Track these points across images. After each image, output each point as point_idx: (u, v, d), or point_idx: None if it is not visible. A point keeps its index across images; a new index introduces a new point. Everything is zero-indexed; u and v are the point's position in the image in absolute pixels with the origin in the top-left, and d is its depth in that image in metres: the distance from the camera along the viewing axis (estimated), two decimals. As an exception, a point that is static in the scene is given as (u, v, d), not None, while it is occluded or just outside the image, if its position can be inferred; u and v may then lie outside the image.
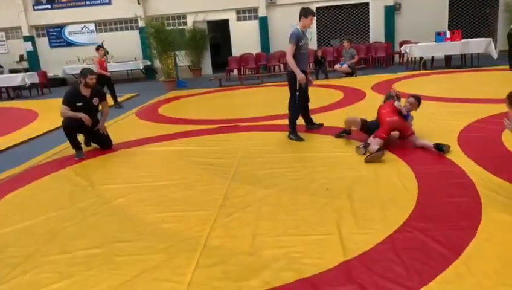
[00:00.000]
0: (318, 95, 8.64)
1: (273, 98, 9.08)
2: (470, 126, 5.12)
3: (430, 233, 2.65)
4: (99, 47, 9.61)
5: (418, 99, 4.69)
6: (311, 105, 5.74)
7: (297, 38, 5.07)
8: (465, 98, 6.79)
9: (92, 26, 15.72)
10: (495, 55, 11.05)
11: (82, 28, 15.75)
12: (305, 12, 5.12)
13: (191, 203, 3.53)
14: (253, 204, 3.39)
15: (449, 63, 11.70)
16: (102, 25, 15.74)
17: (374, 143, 4.28)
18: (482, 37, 12.59)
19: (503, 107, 5.72)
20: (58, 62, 15.20)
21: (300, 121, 5.50)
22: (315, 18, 5.10)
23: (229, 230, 2.98)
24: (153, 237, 2.98)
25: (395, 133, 4.64)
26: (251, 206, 3.35)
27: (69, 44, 15.88)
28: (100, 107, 5.61)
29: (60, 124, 5.35)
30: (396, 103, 4.54)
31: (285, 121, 6.34)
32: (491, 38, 11.45)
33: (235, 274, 2.42)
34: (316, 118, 5.83)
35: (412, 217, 2.91)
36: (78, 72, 5.74)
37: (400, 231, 2.74)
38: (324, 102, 7.55)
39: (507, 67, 9.70)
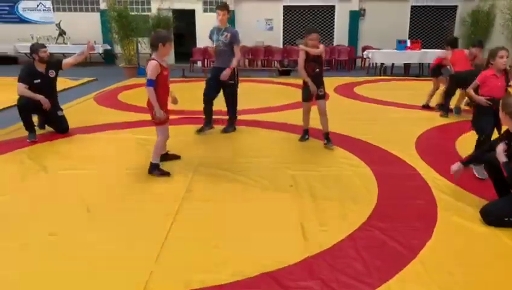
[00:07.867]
0: (282, 94, 8.70)
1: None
2: (427, 132, 5.35)
3: (389, 233, 2.74)
4: None
5: None
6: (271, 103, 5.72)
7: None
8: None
9: (48, 3, 14.84)
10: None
11: (38, 5, 14.83)
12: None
13: (151, 194, 3.43)
14: (216, 198, 3.35)
15: (407, 71, 12.18)
16: (60, 4, 14.91)
17: None
18: (439, 48, 13.19)
19: (457, 117, 6.10)
20: (7, 39, 14.20)
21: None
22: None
23: (192, 222, 2.92)
24: (112, 225, 2.87)
25: None
26: (214, 200, 3.31)
27: (22, 21, 14.89)
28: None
29: (14, 103, 5.02)
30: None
31: (254, 117, 6.29)
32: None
33: (198, 267, 2.37)
34: (279, 116, 5.86)
35: (372, 216, 2.99)
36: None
37: (361, 229, 2.80)
38: (288, 100, 7.58)
39: None
